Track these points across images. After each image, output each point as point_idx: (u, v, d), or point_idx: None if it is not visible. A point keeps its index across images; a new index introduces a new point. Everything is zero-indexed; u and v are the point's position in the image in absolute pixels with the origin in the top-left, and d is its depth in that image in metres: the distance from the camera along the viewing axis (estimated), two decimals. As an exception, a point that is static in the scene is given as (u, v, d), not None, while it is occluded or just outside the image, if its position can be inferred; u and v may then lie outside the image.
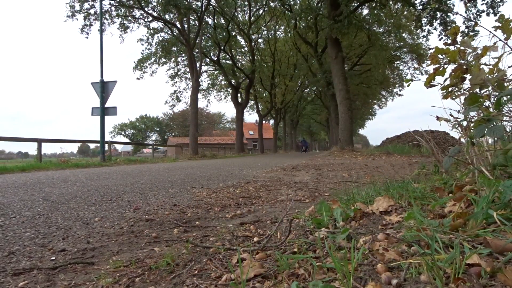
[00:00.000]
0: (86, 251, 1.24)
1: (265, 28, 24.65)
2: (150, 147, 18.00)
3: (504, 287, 0.59)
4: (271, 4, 20.41)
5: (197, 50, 17.31)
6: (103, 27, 11.56)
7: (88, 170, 6.26)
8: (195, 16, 17.01)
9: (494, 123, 1.03)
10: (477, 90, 1.24)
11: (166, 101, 29.43)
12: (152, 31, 18.56)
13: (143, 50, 23.40)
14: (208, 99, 39.43)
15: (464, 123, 1.36)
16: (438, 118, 1.36)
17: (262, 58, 26.19)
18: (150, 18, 17.02)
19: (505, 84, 1.19)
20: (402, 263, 0.74)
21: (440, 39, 13.46)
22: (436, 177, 1.81)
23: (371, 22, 18.44)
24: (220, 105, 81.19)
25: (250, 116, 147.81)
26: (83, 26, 15.22)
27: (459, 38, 1.30)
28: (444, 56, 1.30)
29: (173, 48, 20.06)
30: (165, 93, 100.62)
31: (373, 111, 43.44)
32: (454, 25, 1.35)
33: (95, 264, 1.08)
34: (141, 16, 17.01)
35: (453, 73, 1.31)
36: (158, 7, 15.99)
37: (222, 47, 20.20)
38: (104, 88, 9.25)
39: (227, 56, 22.58)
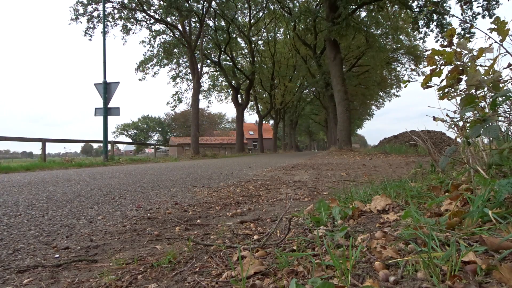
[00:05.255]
0: (89, 248, 1.26)
1: (265, 30, 24.70)
2: (152, 147, 18.00)
3: (499, 284, 0.59)
4: (271, 6, 20.47)
5: (198, 52, 17.35)
6: (106, 30, 11.62)
7: (91, 169, 6.27)
8: (196, 19, 17.04)
9: (490, 123, 1.04)
10: (473, 91, 1.26)
11: (168, 102, 29.42)
12: (154, 33, 18.65)
13: (145, 52, 23.48)
14: (209, 100, 39.60)
15: (460, 123, 1.38)
16: (434, 119, 1.38)
17: (262, 59, 26.24)
18: (152, 21, 17.11)
19: (500, 85, 1.21)
20: (399, 261, 0.75)
21: (436, 41, 13.55)
22: (432, 176, 1.82)
23: (369, 24, 18.49)
24: (220, 105, 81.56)
25: (250, 117, 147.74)
26: (86, 29, 15.37)
27: (455, 40, 1.32)
28: (440, 57, 1.32)
29: (175, 50, 20.11)
30: (166, 94, 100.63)
31: (371, 112, 43.71)
32: (450, 27, 1.36)
33: (98, 262, 1.10)
34: (143, 19, 17.12)
35: (449, 74, 1.32)
36: (160, 10, 16.07)
37: (222, 49, 20.24)
38: (107, 89, 9.29)
39: (228, 58, 22.62)
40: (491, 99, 1.16)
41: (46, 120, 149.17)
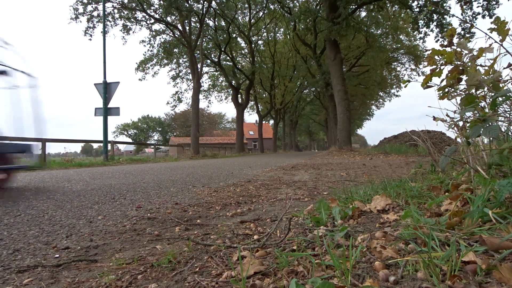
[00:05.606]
0: (89, 248, 1.26)
1: (265, 30, 24.73)
2: (152, 146, 18.02)
3: (499, 284, 0.59)
4: (271, 6, 20.48)
5: (198, 52, 17.37)
6: (106, 29, 11.64)
7: (91, 169, 6.27)
8: (196, 19, 17.05)
9: (490, 123, 1.04)
10: (473, 91, 1.26)
11: (168, 101, 29.44)
12: (154, 33, 18.66)
13: (145, 52, 23.53)
14: (209, 100, 39.61)
15: (460, 123, 1.38)
16: (434, 118, 1.38)
17: (262, 59, 26.24)
18: (152, 20, 17.13)
19: (500, 85, 1.21)
20: (399, 261, 0.75)
21: (436, 41, 13.54)
22: (432, 176, 1.82)
23: (369, 24, 18.54)
24: (220, 105, 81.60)
25: (250, 117, 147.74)
26: (86, 28, 15.37)
27: (455, 40, 1.32)
28: (440, 57, 1.32)
29: (175, 50, 20.12)
30: (166, 94, 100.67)
31: (371, 112, 43.81)
32: (450, 27, 1.36)
33: (98, 262, 1.10)
34: (143, 18, 17.14)
35: (449, 74, 1.32)
36: (160, 10, 16.09)
37: (222, 49, 20.25)
38: (107, 89, 9.31)
39: (228, 58, 22.63)
40: (491, 99, 1.16)
41: (46, 120, 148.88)
